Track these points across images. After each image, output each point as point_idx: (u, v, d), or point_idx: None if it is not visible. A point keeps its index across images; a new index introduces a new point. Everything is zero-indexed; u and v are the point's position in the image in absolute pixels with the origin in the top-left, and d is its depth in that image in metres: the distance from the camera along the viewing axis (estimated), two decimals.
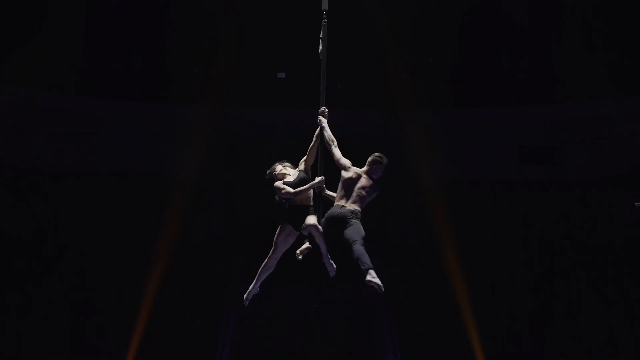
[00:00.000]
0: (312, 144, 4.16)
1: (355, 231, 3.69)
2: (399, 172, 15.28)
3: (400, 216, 15.09)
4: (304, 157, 4.16)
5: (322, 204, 4.01)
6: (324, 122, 4.12)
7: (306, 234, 3.79)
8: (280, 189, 3.78)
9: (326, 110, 4.19)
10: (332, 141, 4.05)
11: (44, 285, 10.22)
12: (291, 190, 3.74)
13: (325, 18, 4.35)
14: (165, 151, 13.76)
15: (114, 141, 13.33)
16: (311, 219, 3.70)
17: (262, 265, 4.08)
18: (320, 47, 4.29)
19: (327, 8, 4.38)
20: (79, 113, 12.65)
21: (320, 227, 3.73)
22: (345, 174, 3.97)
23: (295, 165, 4.11)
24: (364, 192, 3.94)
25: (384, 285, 3.46)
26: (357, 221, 3.75)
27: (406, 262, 14.25)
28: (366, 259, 3.51)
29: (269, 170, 4.03)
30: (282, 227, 3.90)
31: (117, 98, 13.34)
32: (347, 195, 3.88)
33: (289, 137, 12.04)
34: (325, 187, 3.96)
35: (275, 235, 3.94)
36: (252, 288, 4.09)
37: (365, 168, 4.00)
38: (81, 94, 12.62)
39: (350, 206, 3.81)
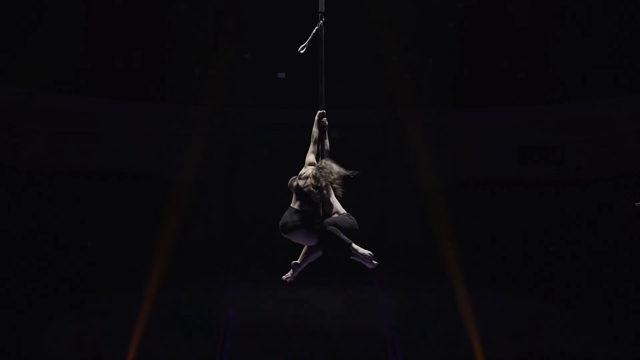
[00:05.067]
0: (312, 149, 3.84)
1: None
2: (399, 172, 15.39)
3: (401, 216, 15.13)
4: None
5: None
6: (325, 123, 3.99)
7: None
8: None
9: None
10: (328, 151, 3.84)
11: (43, 285, 10.20)
12: None
13: (322, 20, 4.33)
14: (165, 151, 13.82)
15: (114, 141, 13.38)
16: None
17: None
18: (304, 44, 4.22)
19: (324, 10, 4.35)
20: (79, 113, 12.69)
21: None
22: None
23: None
24: None
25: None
26: None
27: (406, 261, 14.31)
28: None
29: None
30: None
31: (117, 98, 13.38)
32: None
33: (289, 137, 12.06)
34: None
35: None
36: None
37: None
38: (81, 94, 12.63)
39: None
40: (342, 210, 3.55)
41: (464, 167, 13.68)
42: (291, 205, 3.49)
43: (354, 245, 3.16)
